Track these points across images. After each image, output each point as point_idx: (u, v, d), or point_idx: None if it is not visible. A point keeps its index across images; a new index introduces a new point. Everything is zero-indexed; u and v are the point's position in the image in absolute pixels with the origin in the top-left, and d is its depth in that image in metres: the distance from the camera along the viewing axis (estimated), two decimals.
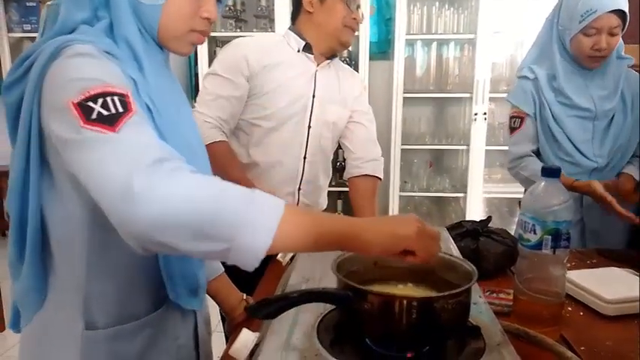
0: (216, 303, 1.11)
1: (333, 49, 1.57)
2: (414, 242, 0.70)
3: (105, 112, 0.65)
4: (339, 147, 1.75)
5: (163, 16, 0.80)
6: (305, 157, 1.58)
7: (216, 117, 1.48)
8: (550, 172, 0.97)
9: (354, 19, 1.53)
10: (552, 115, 1.57)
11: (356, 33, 1.59)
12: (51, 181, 0.77)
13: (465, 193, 3.21)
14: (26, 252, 0.79)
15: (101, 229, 0.75)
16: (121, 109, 0.66)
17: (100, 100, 0.66)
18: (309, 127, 1.56)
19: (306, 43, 1.54)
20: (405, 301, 0.69)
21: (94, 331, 0.81)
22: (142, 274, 0.83)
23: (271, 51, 1.53)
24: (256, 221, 0.63)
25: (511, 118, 1.65)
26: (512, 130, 1.64)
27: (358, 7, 1.55)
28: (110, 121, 0.65)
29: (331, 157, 1.70)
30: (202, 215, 0.61)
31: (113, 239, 0.75)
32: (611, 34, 1.47)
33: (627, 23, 1.49)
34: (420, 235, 0.70)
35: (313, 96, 1.56)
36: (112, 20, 0.78)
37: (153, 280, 0.84)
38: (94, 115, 0.65)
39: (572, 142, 1.57)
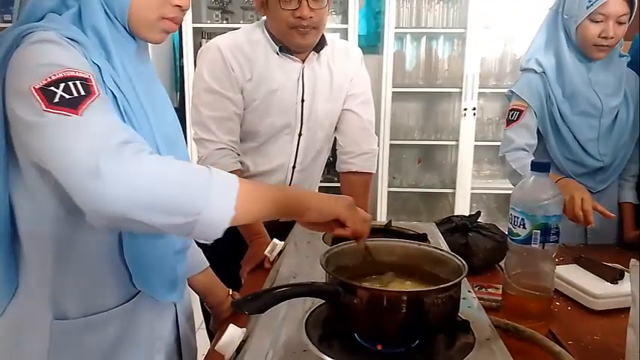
0: (201, 298, 1.10)
1: (297, 51, 1.45)
2: (344, 211, 0.79)
3: (67, 96, 0.67)
4: None
5: (133, 4, 0.80)
6: (294, 167, 1.52)
7: (228, 141, 1.40)
8: (539, 167, 0.96)
9: (299, 17, 1.36)
10: (560, 114, 1.53)
11: (345, 27, 1.47)
12: (18, 173, 0.77)
13: (454, 189, 3.21)
14: None
15: (68, 221, 0.77)
16: (83, 93, 0.68)
17: (62, 85, 0.67)
18: (300, 134, 1.50)
19: (281, 45, 1.43)
20: (394, 296, 0.68)
21: (63, 321, 0.81)
22: (111, 265, 0.83)
23: (253, 60, 1.42)
24: (217, 193, 0.67)
25: (510, 110, 1.58)
26: (510, 122, 1.57)
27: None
28: (73, 105, 0.66)
29: (326, 156, 1.63)
30: (169, 191, 0.65)
31: (80, 231, 0.78)
32: (618, 23, 1.44)
33: (634, 11, 1.46)
34: (350, 208, 0.81)
35: (302, 100, 1.47)
36: (81, 8, 0.78)
37: (122, 272, 0.84)
38: (56, 99, 0.66)
39: (578, 141, 1.54)
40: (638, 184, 1.63)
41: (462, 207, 3.16)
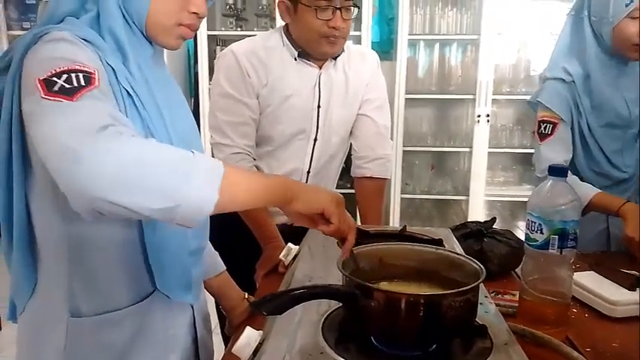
0: (217, 301, 1.11)
1: (318, 58, 1.45)
2: (330, 207, 0.78)
3: (67, 85, 0.67)
4: None
5: (151, 10, 0.81)
6: (309, 172, 1.52)
7: (243, 145, 1.41)
8: (557, 172, 0.96)
9: (333, 27, 1.36)
10: (588, 125, 1.48)
11: (358, 33, 1.46)
12: (31, 171, 0.79)
13: (467, 195, 3.20)
14: (14, 239, 0.81)
15: (79, 220, 0.76)
16: (83, 83, 0.68)
17: (65, 76, 0.68)
18: (315, 139, 1.50)
19: (301, 51, 1.43)
20: (411, 299, 0.68)
21: (79, 318, 0.83)
22: (125, 264, 0.84)
23: (269, 65, 1.42)
24: (201, 177, 0.65)
25: (541, 122, 1.50)
26: (543, 136, 1.48)
27: (342, 9, 1.36)
28: (70, 92, 0.67)
29: (342, 160, 1.62)
30: (147, 172, 0.64)
31: (93, 230, 0.79)
32: None
33: None
34: (338, 205, 0.79)
35: (318, 106, 1.47)
36: (99, 12, 0.79)
37: (137, 271, 0.85)
38: (55, 88, 0.67)
39: (604, 154, 1.50)
40: None
41: (476, 214, 3.14)
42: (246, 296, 1.12)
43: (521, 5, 3.10)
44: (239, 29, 3.28)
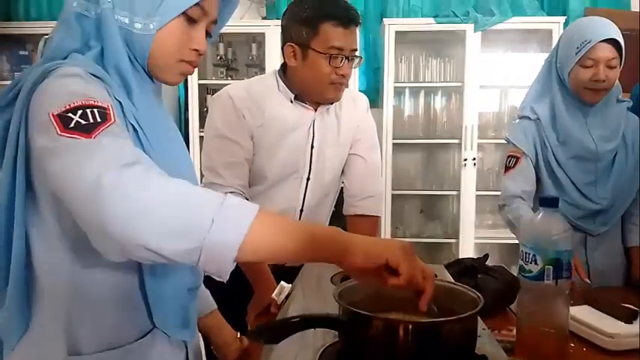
0: (209, 340, 1.07)
1: (320, 103, 1.49)
2: (398, 255, 0.69)
3: (83, 122, 0.67)
4: None
5: (154, 46, 0.82)
6: (302, 210, 1.53)
7: (237, 185, 1.41)
8: (548, 202, 0.97)
9: (342, 75, 1.41)
10: (554, 157, 1.56)
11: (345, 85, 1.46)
12: (35, 205, 0.77)
13: (457, 238, 3.20)
14: (10, 276, 0.78)
15: (84, 253, 0.76)
16: (99, 119, 0.68)
17: (80, 112, 0.68)
18: (308, 179, 1.51)
19: (297, 94, 1.47)
20: (410, 326, 0.67)
21: (77, 357, 0.79)
22: (128, 299, 0.82)
23: (264, 106, 1.44)
24: (228, 219, 0.63)
25: (507, 157, 1.63)
26: (507, 169, 1.61)
27: (349, 58, 1.41)
28: (87, 130, 0.67)
29: (334, 199, 1.63)
30: (173, 212, 0.63)
31: (97, 264, 0.77)
32: (609, 67, 1.48)
33: (623, 57, 1.50)
34: (405, 251, 0.70)
35: (312, 147, 1.50)
36: (103, 49, 0.80)
37: (138, 307, 0.83)
38: (71, 124, 0.67)
39: (574, 185, 1.56)
40: None
41: (466, 256, 3.12)
42: (239, 335, 1.09)
43: (501, 56, 3.23)
44: (229, 79, 3.35)
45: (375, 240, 0.71)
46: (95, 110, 0.69)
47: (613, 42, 1.48)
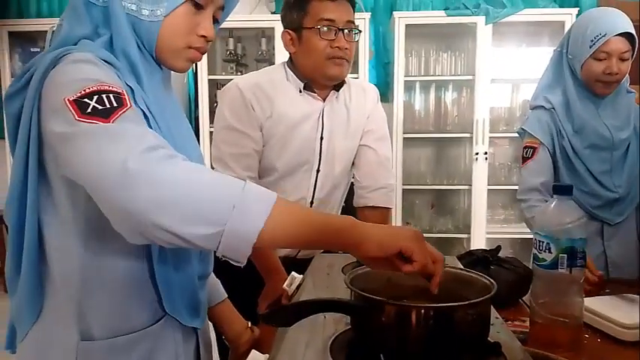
0: (219, 330, 1.07)
1: (325, 84, 1.46)
2: (411, 242, 0.69)
3: (100, 107, 0.68)
4: None
5: (161, 32, 0.82)
6: (312, 202, 1.52)
7: (246, 177, 1.35)
8: (562, 190, 0.96)
9: (337, 47, 1.38)
10: (571, 146, 1.55)
11: (355, 76, 1.48)
12: (48, 191, 0.78)
13: (469, 233, 3.18)
14: (23, 262, 0.79)
15: (96, 240, 0.77)
16: (115, 104, 0.69)
17: (96, 97, 0.68)
18: (318, 170, 1.50)
19: (307, 82, 1.46)
20: (422, 311, 0.66)
21: (89, 342, 0.80)
22: (139, 286, 0.83)
23: (273, 98, 1.43)
24: (248, 206, 0.64)
25: (524, 148, 1.61)
26: (525, 160, 1.59)
27: (343, 30, 1.38)
28: (105, 114, 0.67)
29: (344, 191, 1.61)
30: (196, 197, 0.63)
31: (108, 250, 0.78)
32: (622, 59, 1.48)
33: (636, 48, 1.50)
34: (417, 240, 0.71)
35: (321, 138, 1.49)
36: (112, 35, 0.81)
37: (150, 293, 0.83)
38: (89, 110, 0.67)
39: (591, 174, 1.55)
40: None
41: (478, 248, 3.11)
42: (250, 325, 1.09)
43: (512, 50, 3.19)
44: (239, 73, 3.35)
45: (389, 229, 0.72)
46: (111, 95, 0.69)
47: (626, 34, 1.47)
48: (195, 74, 3.27)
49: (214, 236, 0.64)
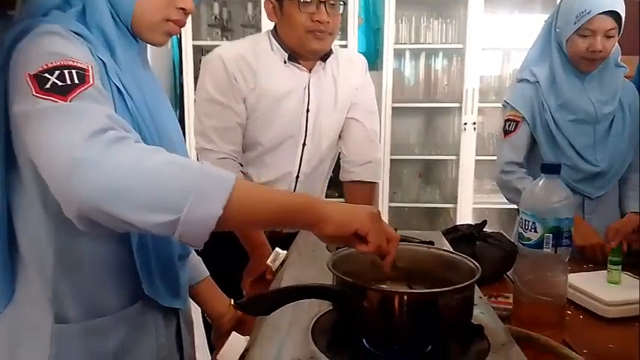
0: (202, 309, 1.06)
1: (307, 57, 1.42)
2: (367, 223, 0.69)
3: (60, 83, 0.65)
4: None
5: (138, 5, 0.78)
6: (297, 177, 1.49)
7: (230, 151, 1.38)
8: (550, 169, 0.94)
9: (317, 21, 1.34)
10: (553, 120, 1.55)
11: (344, 43, 1.43)
12: (17, 175, 0.75)
13: (456, 204, 3.19)
14: None
15: (66, 226, 0.73)
16: (77, 81, 0.66)
17: (57, 72, 0.65)
18: (304, 144, 1.47)
19: (291, 53, 1.41)
20: (405, 297, 0.65)
21: (65, 325, 0.79)
22: (114, 267, 0.81)
23: (257, 70, 1.39)
24: (206, 190, 0.62)
25: (506, 120, 1.62)
26: (507, 133, 1.60)
27: (326, 3, 1.34)
28: (63, 92, 0.64)
29: (331, 165, 1.59)
30: (148, 184, 0.61)
31: (81, 234, 0.74)
32: (607, 37, 1.47)
33: (623, 26, 1.48)
34: (374, 220, 0.70)
35: (307, 111, 1.45)
36: (85, 7, 0.77)
37: (127, 275, 0.82)
38: (47, 85, 0.64)
39: (573, 147, 1.55)
40: None
41: (464, 222, 3.12)
42: (232, 303, 1.08)
43: (504, 18, 3.13)
44: (224, 39, 3.26)
45: (347, 209, 0.71)
46: (73, 71, 0.66)
47: (612, 12, 1.45)
48: (180, 40, 3.17)
49: (171, 224, 0.61)
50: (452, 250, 1.16)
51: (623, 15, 1.46)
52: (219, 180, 0.64)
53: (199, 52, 3.26)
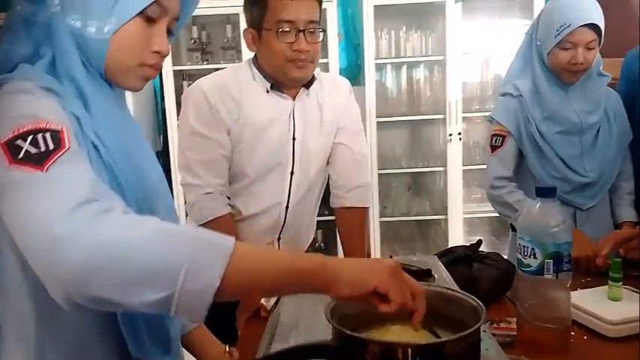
0: (196, 357, 1.02)
1: (290, 86, 1.40)
2: (386, 279, 0.64)
3: (33, 150, 0.61)
4: None
5: (111, 50, 0.74)
6: (287, 207, 1.47)
7: (216, 185, 1.35)
8: (545, 192, 0.92)
9: (297, 50, 1.32)
10: (539, 132, 1.55)
11: (325, 60, 1.43)
12: None
13: (446, 214, 3.17)
14: None
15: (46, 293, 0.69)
16: (52, 146, 0.62)
17: (30, 137, 0.62)
18: (292, 172, 1.44)
19: (273, 83, 1.39)
20: (409, 349, 0.62)
21: None
22: (100, 329, 0.76)
23: (240, 100, 1.37)
24: (201, 260, 0.57)
25: (492, 135, 1.61)
26: (494, 148, 1.60)
27: (305, 31, 1.31)
28: (38, 160, 0.61)
29: (321, 190, 1.56)
30: (135, 258, 0.56)
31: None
32: (588, 49, 1.47)
33: (602, 38, 1.50)
34: (393, 275, 0.65)
35: (293, 139, 1.43)
36: (55, 56, 0.73)
37: (113, 335, 0.77)
38: (21, 155, 0.61)
39: (561, 159, 1.55)
40: (636, 202, 1.62)
41: (456, 232, 3.11)
42: (228, 349, 1.04)
43: (483, 25, 3.15)
44: (205, 62, 3.23)
45: (362, 266, 0.66)
46: (47, 135, 0.63)
47: (592, 24, 1.45)
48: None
49: (164, 300, 0.57)
50: (448, 274, 1.14)
51: (602, 27, 1.47)
52: (214, 247, 0.59)
53: (180, 76, 3.23)
